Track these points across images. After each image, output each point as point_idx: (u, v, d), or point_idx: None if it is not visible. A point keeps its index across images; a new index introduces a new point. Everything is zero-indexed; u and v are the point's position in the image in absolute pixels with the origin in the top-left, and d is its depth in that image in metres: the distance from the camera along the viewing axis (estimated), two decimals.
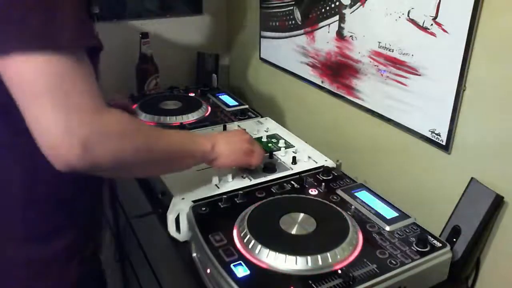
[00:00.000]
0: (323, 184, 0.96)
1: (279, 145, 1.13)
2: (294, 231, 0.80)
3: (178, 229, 0.88)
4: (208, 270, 0.77)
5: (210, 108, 1.37)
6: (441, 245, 0.80)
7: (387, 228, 0.83)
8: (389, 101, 1.03)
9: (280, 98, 1.52)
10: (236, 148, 0.92)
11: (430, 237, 0.81)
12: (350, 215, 0.86)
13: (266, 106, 1.56)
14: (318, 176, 1.00)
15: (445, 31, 0.87)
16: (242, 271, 0.72)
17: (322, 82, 1.26)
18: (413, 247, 0.79)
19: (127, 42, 1.54)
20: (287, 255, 0.73)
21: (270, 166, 1.02)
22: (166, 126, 1.24)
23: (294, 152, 1.10)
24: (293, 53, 1.36)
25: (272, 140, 1.16)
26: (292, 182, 0.97)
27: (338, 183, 0.97)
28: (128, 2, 1.57)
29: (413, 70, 0.96)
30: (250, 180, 0.98)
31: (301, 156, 1.07)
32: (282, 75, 1.45)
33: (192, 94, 1.48)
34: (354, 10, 1.09)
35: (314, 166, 1.04)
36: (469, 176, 0.87)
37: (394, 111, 1.03)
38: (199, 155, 0.85)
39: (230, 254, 0.75)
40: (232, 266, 0.73)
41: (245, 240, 0.77)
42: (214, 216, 0.86)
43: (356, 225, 0.83)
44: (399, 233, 0.82)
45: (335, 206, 0.88)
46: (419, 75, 0.94)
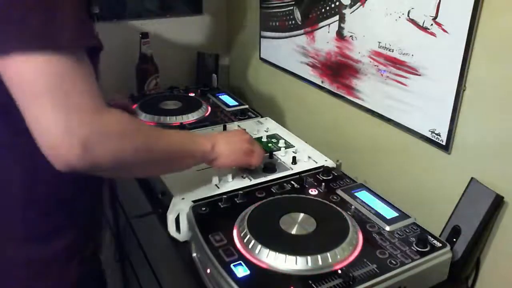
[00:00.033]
0: (323, 184, 0.96)
1: (279, 145, 1.13)
2: (294, 231, 0.80)
3: (178, 229, 0.88)
4: (208, 270, 0.77)
5: (210, 108, 1.37)
6: (441, 245, 0.80)
7: (387, 228, 0.83)
8: (389, 101, 1.03)
9: (280, 98, 1.52)
10: (236, 148, 0.92)
11: (430, 237, 0.81)
12: (350, 215, 0.86)
13: (266, 106, 1.56)
14: (318, 176, 1.00)
15: (445, 31, 0.87)
16: (242, 271, 0.72)
17: (322, 82, 1.26)
18: (413, 247, 0.79)
19: (127, 42, 1.54)
20: (287, 255, 0.73)
21: (270, 166, 1.02)
22: (166, 126, 1.24)
23: (294, 152, 1.10)
24: (293, 53, 1.36)
25: (272, 140, 1.16)
26: (292, 182, 0.97)
27: (338, 183, 0.97)
28: (128, 2, 1.57)
29: (413, 70, 0.96)
30: (250, 180, 0.98)
31: (301, 156, 1.07)
32: (282, 75, 1.45)
33: (192, 94, 1.48)
34: (354, 10, 1.09)
35: (314, 166, 1.04)
36: (469, 176, 0.87)
37: (394, 111, 1.03)
38: (199, 155, 0.85)
39: (230, 254, 0.75)
40: (232, 266, 0.73)
41: (245, 240, 0.77)
42: (214, 216, 0.86)
43: (356, 225, 0.83)
44: (399, 233, 0.82)
45: (335, 206, 0.88)
46: (419, 75, 0.94)
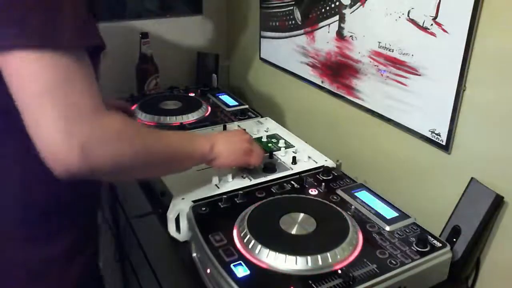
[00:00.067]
0: (323, 184, 0.96)
1: (279, 145, 1.13)
2: (294, 231, 0.80)
3: (178, 229, 0.88)
4: (208, 270, 0.77)
5: (210, 108, 1.37)
6: (441, 245, 0.80)
7: (387, 228, 0.83)
8: (389, 101, 1.03)
9: (280, 98, 1.52)
10: (236, 148, 0.92)
11: (430, 237, 0.81)
12: (350, 215, 0.86)
13: (266, 106, 1.56)
14: (318, 176, 1.00)
15: (445, 31, 0.87)
16: (242, 271, 0.72)
17: (322, 82, 1.26)
18: (413, 247, 0.79)
19: (127, 42, 1.54)
20: (287, 255, 0.73)
21: (270, 166, 1.02)
22: (166, 126, 1.24)
23: (294, 152, 1.10)
24: (293, 53, 1.36)
25: (272, 140, 1.16)
26: (292, 182, 0.97)
27: (338, 183, 0.97)
28: (128, 2, 1.57)
29: (413, 70, 0.96)
30: (250, 180, 0.98)
31: (301, 156, 1.07)
32: (282, 75, 1.45)
33: (192, 94, 1.48)
34: (354, 10, 1.09)
35: (314, 166, 1.04)
36: (469, 176, 0.87)
37: (394, 111, 1.03)
38: (198, 156, 0.85)
39: (230, 254, 0.75)
40: (232, 266, 0.73)
41: (245, 240, 0.77)
42: (214, 216, 0.86)
43: (356, 225, 0.83)
44: (399, 233, 0.82)
45: (335, 206, 0.88)
46: (419, 75, 0.94)
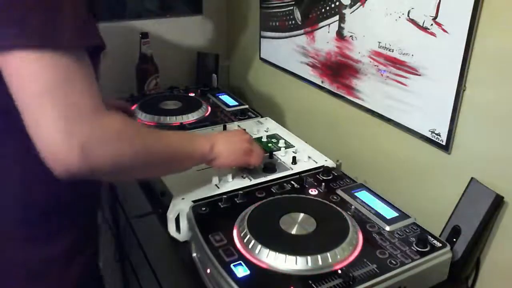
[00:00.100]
0: (323, 184, 0.96)
1: (279, 145, 1.13)
2: (294, 231, 0.80)
3: (178, 229, 0.88)
4: (208, 270, 0.77)
5: (210, 108, 1.37)
6: (441, 245, 0.80)
7: (387, 228, 0.83)
8: (389, 101, 1.03)
9: (280, 98, 1.52)
10: (236, 148, 0.92)
11: (430, 237, 0.81)
12: (350, 215, 0.86)
13: (266, 106, 1.56)
14: (318, 176, 1.00)
15: (445, 31, 0.87)
16: (242, 271, 0.72)
17: (322, 82, 1.26)
18: (413, 247, 0.79)
19: (127, 42, 1.54)
20: (287, 255, 0.73)
21: (270, 166, 1.02)
22: (166, 126, 1.24)
23: (294, 152, 1.10)
24: (293, 53, 1.36)
25: (272, 140, 1.16)
26: (292, 182, 0.97)
27: (338, 183, 0.97)
28: (128, 2, 1.57)
29: (413, 70, 0.96)
30: (250, 180, 0.98)
31: (301, 156, 1.07)
32: (282, 75, 1.45)
33: (192, 94, 1.48)
34: (354, 10, 1.09)
35: (314, 166, 1.04)
36: (469, 176, 0.87)
37: (394, 111, 1.03)
38: (198, 156, 0.85)
39: (230, 254, 0.75)
40: (232, 266, 0.73)
41: (245, 240, 0.77)
42: (214, 216, 0.86)
43: (356, 225, 0.83)
44: (399, 233, 0.82)
45: (335, 206, 0.88)
46: (419, 75, 0.94)
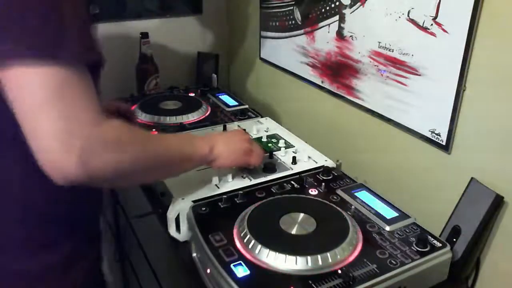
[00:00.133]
0: (323, 184, 0.96)
1: (279, 145, 1.13)
2: (294, 231, 0.80)
3: (178, 229, 0.88)
4: (208, 270, 0.77)
5: (210, 108, 1.37)
6: (441, 245, 0.80)
7: (387, 228, 0.83)
8: (389, 101, 1.03)
9: (280, 98, 1.52)
10: (236, 148, 0.92)
11: (430, 237, 0.81)
12: (350, 215, 0.86)
13: (266, 106, 1.56)
14: (318, 176, 1.00)
15: (445, 31, 0.87)
16: (242, 271, 0.72)
17: (322, 82, 1.26)
18: (413, 247, 0.79)
19: (127, 42, 1.54)
20: (287, 255, 0.73)
21: (270, 166, 1.02)
22: (166, 126, 1.24)
23: (294, 152, 1.10)
24: (293, 53, 1.36)
25: (272, 140, 1.16)
26: (292, 182, 0.97)
27: (338, 183, 0.97)
28: (128, 2, 1.57)
29: (413, 70, 0.96)
30: (250, 180, 0.98)
31: (301, 156, 1.07)
32: (282, 75, 1.45)
33: (192, 94, 1.48)
34: (354, 10, 1.09)
35: (314, 166, 1.04)
36: (469, 176, 0.87)
37: (394, 111, 1.03)
38: (198, 158, 0.85)
39: (230, 254, 0.76)
40: (232, 266, 0.73)
41: (245, 240, 0.77)
42: (214, 216, 0.86)
43: (356, 225, 0.83)
44: (399, 233, 0.82)
45: (335, 206, 0.88)
46: (419, 75, 0.94)
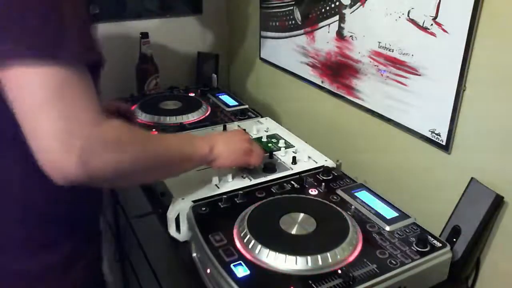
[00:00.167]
0: (323, 184, 0.96)
1: (279, 145, 1.13)
2: (294, 231, 0.80)
3: (178, 229, 0.88)
4: (208, 270, 0.77)
5: (210, 108, 1.37)
6: (441, 245, 0.80)
7: (387, 228, 0.83)
8: (389, 101, 1.03)
9: (280, 98, 1.52)
10: (236, 148, 0.92)
11: (430, 237, 0.81)
12: (350, 215, 0.86)
13: (266, 106, 1.56)
14: (318, 176, 1.00)
15: (445, 31, 0.87)
16: (242, 271, 0.72)
17: (322, 82, 1.26)
18: (413, 247, 0.79)
19: (127, 42, 1.54)
20: (287, 255, 0.73)
21: (270, 166, 1.02)
22: (166, 126, 1.24)
23: (294, 152, 1.10)
24: (293, 53, 1.36)
25: (272, 140, 1.16)
26: (292, 182, 0.97)
27: (338, 183, 0.97)
28: (128, 2, 1.57)
29: (413, 70, 0.96)
30: (250, 180, 0.98)
31: (301, 156, 1.07)
32: (282, 75, 1.45)
33: (192, 94, 1.48)
34: (354, 10, 1.09)
35: (314, 166, 1.04)
36: (469, 176, 0.87)
37: (394, 111, 1.03)
38: (198, 159, 0.85)
39: (230, 254, 0.76)
40: (232, 266, 0.73)
41: (245, 240, 0.77)
42: (214, 216, 0.86)
43: (356, 225, 0.83)
44: (399, 233, 0.82)
45: (335, 206, 0.88)
46: (419, 75, 0.94)
